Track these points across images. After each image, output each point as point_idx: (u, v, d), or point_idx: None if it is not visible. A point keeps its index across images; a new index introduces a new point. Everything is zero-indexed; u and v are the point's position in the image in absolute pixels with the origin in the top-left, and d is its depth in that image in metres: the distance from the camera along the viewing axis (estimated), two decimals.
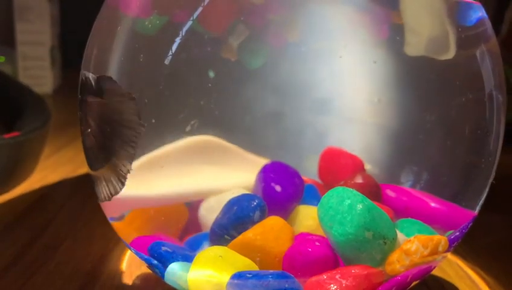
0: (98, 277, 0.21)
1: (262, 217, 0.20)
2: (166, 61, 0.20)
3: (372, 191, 0.24)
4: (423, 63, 0.22)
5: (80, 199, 0.29)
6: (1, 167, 0.22)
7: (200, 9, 0.20)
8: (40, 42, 0.54)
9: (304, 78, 0.24)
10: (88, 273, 0.22)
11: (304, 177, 0.27)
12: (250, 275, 0.17)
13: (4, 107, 0.28)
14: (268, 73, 0.24)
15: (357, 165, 0.26)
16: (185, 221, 0.24)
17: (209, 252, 0.17)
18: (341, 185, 0.24)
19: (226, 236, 0.20)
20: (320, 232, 0.19)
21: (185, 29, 0.20)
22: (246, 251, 0.18)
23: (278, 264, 0.18)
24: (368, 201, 0.18)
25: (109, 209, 0.21)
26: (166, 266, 0.18)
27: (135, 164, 0.22)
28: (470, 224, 0.20)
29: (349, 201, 0.18)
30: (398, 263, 0.17)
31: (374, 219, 0.18)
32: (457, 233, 0.19)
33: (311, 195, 0.24)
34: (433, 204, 0.25)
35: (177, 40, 0.20)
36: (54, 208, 0.26)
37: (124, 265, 0.23)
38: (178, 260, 0.18)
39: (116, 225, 0.21)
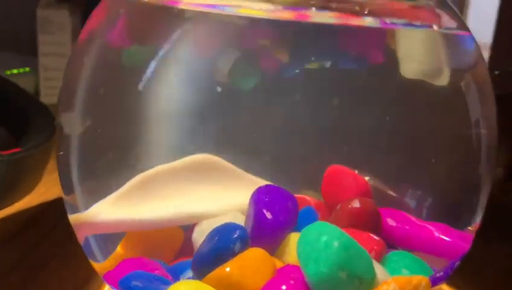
0: None
1: (243, 249, 0.19)
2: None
3: (369, 218, 0.23)
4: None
5: None
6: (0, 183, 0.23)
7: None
8: (61, 53, 0.55)
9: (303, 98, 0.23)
10: None
11: (307, 197, 0.27)
12: None
13: (13, 117, 0.29)
14: (266, 93, 0.23)
15: (360, 187, 0.25)
16: (179, 244, 0.24)
17: (177, 287, 0.17)
18: (337, 209, 0.23)
19: (206, 267, 0.19)
20: None
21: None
22: (221, 286, 0.18)
23: None
24: (346, 238, 0.17)
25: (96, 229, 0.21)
26: None
27: (129, 183, 0.22)
28: (458, 262, 0.19)
29: (325, 237, 0.17)
30: None
31: (350, 257, 0.17)
32: (442, 273, 0.18)
33: (309, 219, 0.24)
34: (436, 233, 0.23)
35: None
36: (49, 224, 0.27)
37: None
38: None
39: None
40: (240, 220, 0.22)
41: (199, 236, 0.21)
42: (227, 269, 0.18)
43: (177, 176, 0.23)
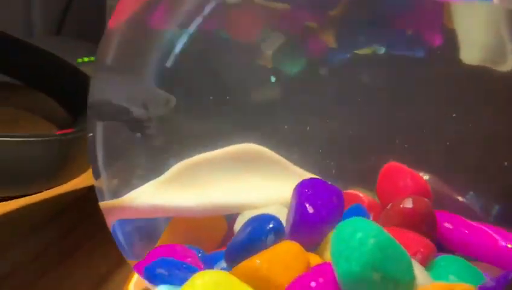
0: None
1: (277, 241, 0.18)
2: None
3: (423, 219, 0.21)
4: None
5: None
6: (50, 163, 0.23)
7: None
8: None
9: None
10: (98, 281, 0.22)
11: (361, 194, 0.25)
12: None
13: (72, 98, 0.30)
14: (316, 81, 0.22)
15: (417, 187, 0.23)
16: (222, 234, 0.23)
17: (200, 277, 0.16)
18: (388, 208, 0.21)
19: (237, 258, 0.18)
20: None
21: None
22: (248, 278, 0.17)
23: None
24: (384, 236, 0.16)
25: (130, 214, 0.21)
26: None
27: (171, 170, 0.22)
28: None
29: (360, 234, 0.16)
30: None
31: (386, 257, 0.15)
32: (493, 283, 0.16)
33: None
34: (503, 242, 0.21)
35: None
36: (89, 209, 0.27)
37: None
38: (171, 283, 0.17)
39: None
40: (283, 213, 0.21)
41: (240, 227, 0.21)
42: (257, 262, 0.17)
43: (221, 164, 0.22)
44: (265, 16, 0.20)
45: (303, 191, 0.20)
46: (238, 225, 0.21)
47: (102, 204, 0.22)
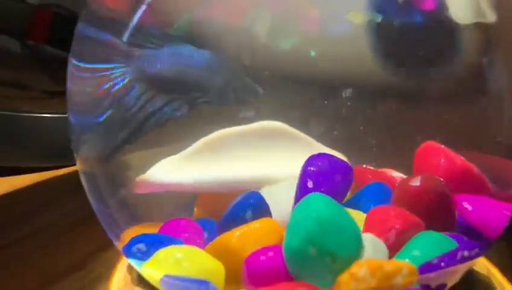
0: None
1: (254, 218, 0.19)
2: None
3: (430, 197, 0.20)
4: None
5: None
6: None
7: None
8: None
9: None
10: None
11: (392, 173, 0.24)
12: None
13: None
14: None
15: (452, 167, 0.22)
16: None
17: (162, 252, 0.18)
18: (397, 186, 0.21)
19: (223, 232, 0.19)
20: None
21: None
22: (219, 252, 0.18)
23: None
24: (329, 212, 0.16)
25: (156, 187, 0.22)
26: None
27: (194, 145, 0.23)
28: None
29: (306, 210, 0.16)
30: (344, 287, 0.15)
31: (326, 232, 0.15)
32: (436, 261, 0.15)
33: (377, 196, 0.22)
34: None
35: None
36: None
37: None
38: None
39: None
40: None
41: None
42: (228, 235, 0.18)
43: (243, 140, 0.23)
44: None
45: (307, 167, 0.20)
46: None
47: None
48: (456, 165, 0.22)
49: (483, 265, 0.20)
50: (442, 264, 0.15)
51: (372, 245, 0.16)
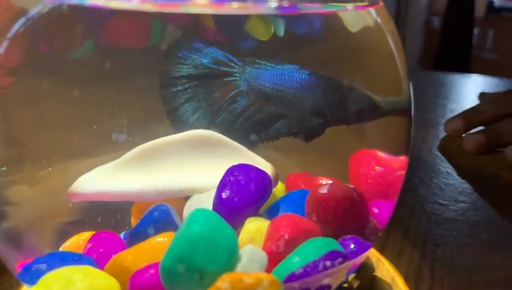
0: None
1: (158, 232, 0.19)
2: None
3: (337, 204, 0.19)
4: None
5: None
6: None
7: None
8: None
9: None
10: None
11: (327, 181, 0.24)
12: None
13: None
14: None
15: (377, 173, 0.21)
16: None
17: (49, 275, 0.17)
18: (309, 193, 0.20)
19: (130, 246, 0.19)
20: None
21: None
22: (116, 269, 0.18)
23: None
24: (208, 226, 0.15)
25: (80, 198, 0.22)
26: None
27: (127, 155, 0.22)
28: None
29: (184, 227, 0.16)
30: None
31: (196, 249, 0.15)
32: (302, 271, 0.14)
33: (296, 203, 0.21)
34: None
35: None
36: None
37: None
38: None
39: None
40: None
41: (187, 211, 0.21)
42: (123, 254, 0.18)
43: (174, 150, 0.23)
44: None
45: (225, 177, 0.20)
46: (186, 209, 0.21)
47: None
48: (377, 173, 0.21)
49: (388, 273, 0.20)
50: (305, 274, 0.14)
51: (249, 257, 0.15)
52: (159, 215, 0.19)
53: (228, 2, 0.17)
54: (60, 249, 0.21)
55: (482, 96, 0.50)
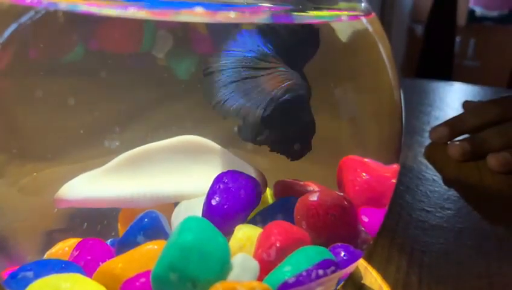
0: None
1: (147, 239, 0.18)
2: None
3: (326, 212, 0.19)
4: None
5: None
6: None
7: None
8: None
9: None
10: None
11: (314, 188, 0.24)
12: None
13: None
14: None
15: (363, 180, 0.21)
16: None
17: (37, 283, 0.17)
18: (299, 201, 0.20)
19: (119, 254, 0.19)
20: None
21: None
22: (106, 278, 0.18)
23: None
24: (200, 235, 0.15)
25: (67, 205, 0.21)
26: None
27: (114, 160, 0.22)
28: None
29: (176, 236, 0.15)
30: None
31: (188, 258, 0.15)
32: (294, 280, 0.14)
33: (286, 210, 0.21)
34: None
35: None
36: None
37: None
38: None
39: None
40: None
41: (175, 218, 0.21)
42: (112, 263, 0.17)
43: (162, 155, 0.22)
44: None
45: (214, 184, 0.20)
46: (175, 215, 0.21)
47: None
48: (364, 180, 0.21)
49: (376, 282, 0.20)
50: (297, 282, 0.14)
51: (242, 266, 0.15)
52: (149, 222, 0.18)
53: (224, 11, 0.17)
54: (45, 256, 0.21)
55: (466, 104, 0.51)
